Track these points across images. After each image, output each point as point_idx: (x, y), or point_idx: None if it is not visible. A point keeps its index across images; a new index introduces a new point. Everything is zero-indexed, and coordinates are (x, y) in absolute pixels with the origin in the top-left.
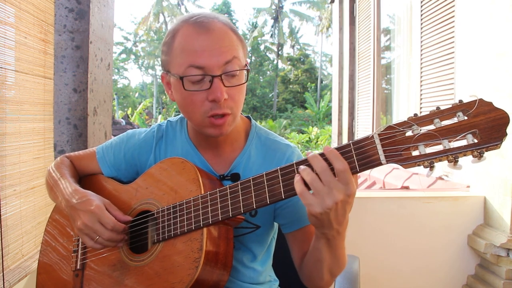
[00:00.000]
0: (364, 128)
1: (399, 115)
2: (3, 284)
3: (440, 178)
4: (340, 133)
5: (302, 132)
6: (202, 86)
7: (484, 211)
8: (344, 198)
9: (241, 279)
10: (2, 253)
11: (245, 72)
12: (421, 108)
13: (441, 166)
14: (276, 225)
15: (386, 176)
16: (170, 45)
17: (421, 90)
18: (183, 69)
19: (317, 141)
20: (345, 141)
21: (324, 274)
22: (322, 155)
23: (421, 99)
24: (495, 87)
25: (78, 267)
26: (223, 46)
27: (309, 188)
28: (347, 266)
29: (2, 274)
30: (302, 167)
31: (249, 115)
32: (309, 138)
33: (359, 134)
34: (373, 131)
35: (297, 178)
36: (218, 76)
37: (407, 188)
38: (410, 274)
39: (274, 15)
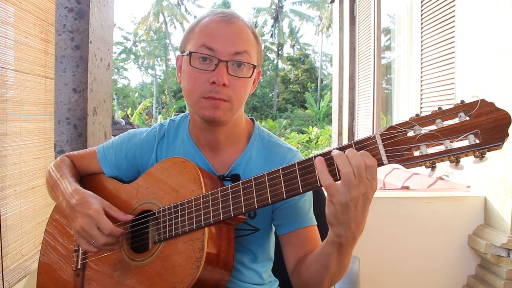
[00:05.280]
0: (364, 128)
1: (399, 115)
2: (3, 284)
3: (441, 178)
4: (340, 133)
5: (302, 132)
6: (207, 67)
7: (485, 211)
8: (366, 191)
9: (242, 279)
10: (1, 253)
11: (252, 69)
12: (421, 107)
13: (442, 166)
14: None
15: (386, 176)
16: (193, 27)
17: (421, 90)
18: (195, 47)
19: (317, 141)
20: (345, 141)
21: (325, 281)
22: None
23: (421, 99)
24: (496, 87)
25: (79, 266)
26: (238, 38)
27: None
28: None
29: (1, 274)
30: (339, 157)
31: (253, 117)
32: (309, 138)
33: (359, 134)
34: (373, 131)
35: (322, 167)
36: (225, 61)
37: (407, 188)
38: (410, 274)
39: (274, 15)
